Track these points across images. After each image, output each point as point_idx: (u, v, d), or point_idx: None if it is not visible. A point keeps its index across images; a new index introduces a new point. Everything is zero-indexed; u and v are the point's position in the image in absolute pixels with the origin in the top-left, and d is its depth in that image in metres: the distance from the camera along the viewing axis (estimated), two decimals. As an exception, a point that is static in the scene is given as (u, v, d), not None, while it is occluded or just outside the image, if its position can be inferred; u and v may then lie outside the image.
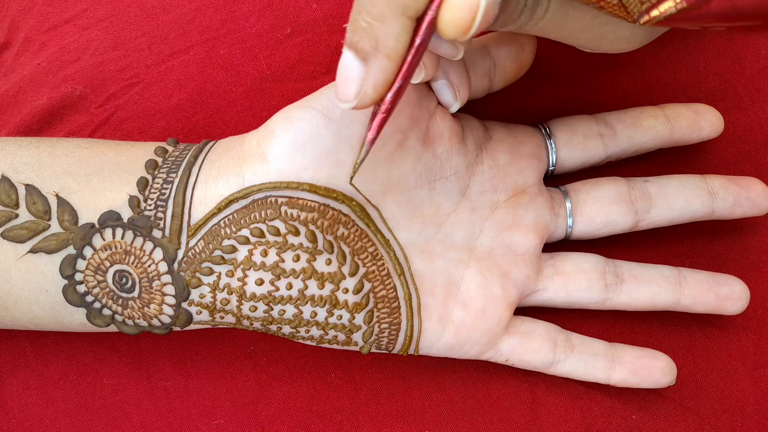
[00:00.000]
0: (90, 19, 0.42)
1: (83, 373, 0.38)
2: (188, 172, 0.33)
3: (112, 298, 0.32)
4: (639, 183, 0.37)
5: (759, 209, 0.37)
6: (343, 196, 0.32)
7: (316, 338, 0.34)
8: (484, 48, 0.35)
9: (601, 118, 0.37)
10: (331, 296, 0.32)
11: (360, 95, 0.26)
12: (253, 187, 0.32)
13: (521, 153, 0.36)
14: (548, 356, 0.35)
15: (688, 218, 0.37)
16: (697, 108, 0.37)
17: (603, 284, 0.35)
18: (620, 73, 0.40)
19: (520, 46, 0.35)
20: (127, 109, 0.41)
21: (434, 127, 0.34)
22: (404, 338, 0.34)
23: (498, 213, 0.35)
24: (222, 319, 0.33)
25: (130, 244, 0.32)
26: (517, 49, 0.35)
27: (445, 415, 0.37)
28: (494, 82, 0.36)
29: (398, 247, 0.34)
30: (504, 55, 0.35)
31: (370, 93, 0.26)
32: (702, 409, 0.37)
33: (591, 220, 0.36)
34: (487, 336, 0.35)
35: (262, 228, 0.32)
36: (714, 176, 0.37)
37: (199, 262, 0.32)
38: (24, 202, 0.32)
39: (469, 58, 0.35)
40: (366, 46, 0.25)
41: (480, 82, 0.35)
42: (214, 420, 0.38)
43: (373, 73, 0.25)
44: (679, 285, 0.36)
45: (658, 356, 0.35)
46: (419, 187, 0.34)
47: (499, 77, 0.35)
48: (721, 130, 0.37)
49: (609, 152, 0.37)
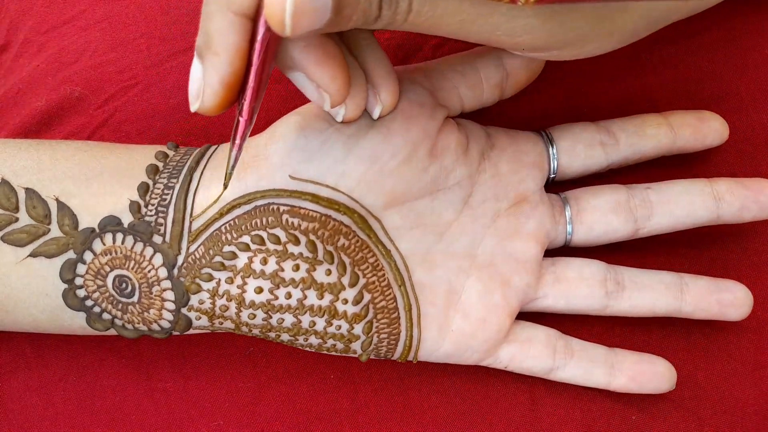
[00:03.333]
0: (89, 20, 0.42)
1: (83, 375, 0.38)
2: (189, 177, 0.32)
3: (112, 303, 0.32)
4: (640, 190, 0.36)
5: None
6: (345, 208, 0.32)
7: (314, 346, 0.34)
8: (498, 59, 0.34)
9: (604, 126, 0.37)
10: (331, 306, 0.32)
11: (202, 96, 0.25)
12: (257, 193, 0.32)
13: (523, 162, 0.36)
14: (547, 363, 0.35)
15: (691, 224, 0.36)
16: (701, 116, 0.37)
17: (604, 292, 0.35)
18: (622, 72, 0.40)
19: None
20: (126, 111, 0.41)
21: (443, 139, 0.34)
22: (403, 347, 0.34)
23: (499, 221, 0.35)
24: (221, 324, 0.33)
25: (130, 249, 0.32)
26: (530, 59, 0.35)
27: (444, 417, 0.37)
28: (505, 91, 0.35)
29: (399, 257, 0.33)
30: (517, 66, 0.35)
31: (209, 93, 0.25)
32: (702, 410, 0.37)
33: (590, 228, 0.36)
34: (487, 344, 0.35)
35: (262, 235, 0.32)
36: (720, 180, 0.36)
37: (199, 268, 0.32)
38: (24, 206, 0.32)
39: (483, 69, 0.34)
40: (200, 44, 0.25)
41: (492, 93, 0.35)
42: (214, 421, 0.38)
43: (208, 72, 0.25)
44: (680, 292, 0.35)
45: (657, 362, 0.35)
46: (422, 197, 0.34)
47: (510, 87, 0.35)
48: (725, 137, 0.37)
49: (611, 160, 0.37)
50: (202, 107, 0.26)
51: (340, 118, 0.31)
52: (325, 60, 0.27)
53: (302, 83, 0.29)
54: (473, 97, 0.35)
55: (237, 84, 0.25)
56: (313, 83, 0.28)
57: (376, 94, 0.31)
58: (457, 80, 0.34)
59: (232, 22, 0.24)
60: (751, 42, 0.40)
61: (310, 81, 0.28)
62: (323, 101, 0.29)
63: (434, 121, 0.33)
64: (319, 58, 0.27)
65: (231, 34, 0.24)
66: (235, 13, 0.24)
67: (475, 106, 0.36)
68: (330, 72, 0.28)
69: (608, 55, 0.30)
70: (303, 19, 0.22)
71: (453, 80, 0.34)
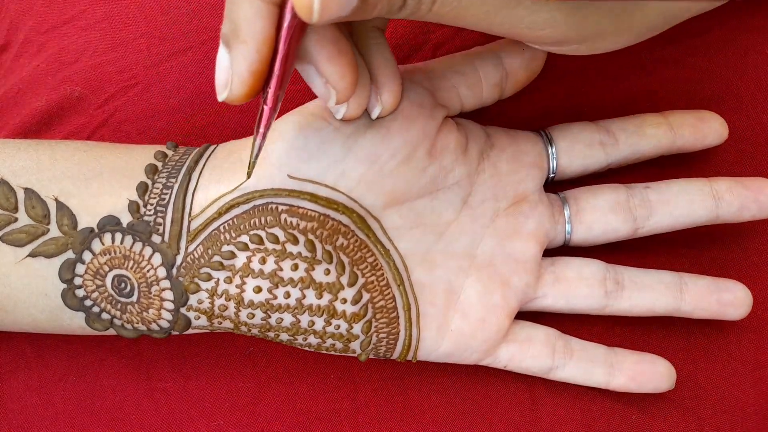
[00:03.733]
0: (89, 20, 0.42)
1: (83, 374, 0.38)
2: (188, 177, 0.32)
3: (111, 303, 0.32)
4: (639, 190, 0.36)
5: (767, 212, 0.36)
6: (344, 207, 0.32)
7: (313, 346, 0.34)
8: (497, 58, 0.35)
9: (603, 126, 0.37)
10: (329, 306, 0.32)
11: (230, 85, 0.26)
12: (255, 192, 0.32)
13: (523, 162, 0.36)
14: (547, 363, 0.35)
15: (690, 224, 0.36)
16: (701, 115, 0.37)
17: (603, 291, 0.35)
18: (622, 72, 0.40)
19: (533, 54, 0.35)
20: (126, 111, 0.41)
21: (442, 139, 0.34)
22: (402, 347, 0.34)
23: (499, 221, 0.35)
24: (220, 324, 0.33)
25: (129, 248, 0.32)
26: (529, 59, 0.35)
27: (444, 417, 0.37)
28: (505, 91, 0.36)
29: (398, 257, 0.33)
30: (517, 65, 0.35)
31: (237, 82, 0.25)
32: (702, 410, 0.37)
33: (589, 228, 0.36)
34: (486, 344, 0.35)
35: (261, 235, 0.32)
36: (720, 179, 0.36)
37: (197, 268, 0.32)
38: (23, 206, 0.32)
39: (482, 69, 0.34)
40: (227, 32, 0.25)
41: (491, 92, 0.35)
42: (214, 421, 0.38)
43: (236, 60, 0.25)
44: (680, 291, 0.35)
45: (657, 361, 0.35)
46: (421, 197, 0.34)
47: (509, 86, 0.35)
48: (725, 137, 0.37)
49: (610, 160, 0.37)
50: (230, 96, 0.26)
51: (340, 116, 0.31)
52: (337, 56, 0.28)
53: (311, 76, 0.29)
54: (473, 96, 0.35)
55: (264, 72, 0.25)
56: (322, 78, 0.28)
57: (378, 95, 0.31)
58: (457, 80, 0.34)
59: (259, 10, 0.24)
60: (751, 42, 0.40)
61: (320, 75, 0.28)
62: (329, 97, 0.29)
63: (433, 121, 0.33)
64: (331, 54, 0.28)
65: (259, 21, 0.24)
66: (264, 1, 0.24)
67: (474, 106, 0.36)
68: (340, 69, 0.28)
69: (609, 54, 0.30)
70: (331, 6, 0.22)
71: (452, 80, 0.34)
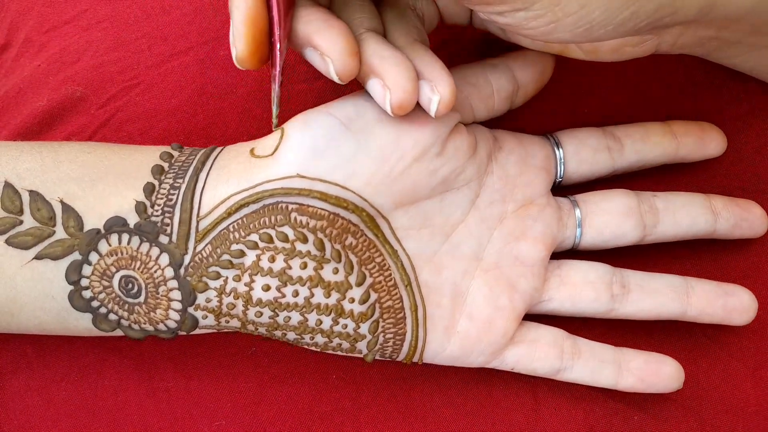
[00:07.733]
0: (90, 20, 0.42)
1: (85, 374, 0.38)
2: (196, 177, 0.32)
3: (118, 304, 0.32)
4: (647, 197, 0.37)
5: (756, 232, 0.38)
6: (354, 206, 0.32)
7: (320, 345, 0.34)
8: (509, 71, 0.36)
9: (610, 132, 0.38)
10: (337, 305, 0.32)
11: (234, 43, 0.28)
12: (265, 192, 0.32)
13: (531, 165, 0.36)
14: (555, 364, 0.35)
15: (691, 235, 0.37)
16: (703, 126, 0.38)
17: (609, 295, 0.36)
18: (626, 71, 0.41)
19: (543, 68, 0.36)
20: (128, 111, 0.41)
21: (452, 141, 0.34)
22: (408, 348, 0.34)
23: (506, 224, 0.36)
24: (227, 323, 0.33)
25: (136, 249, 0.32)
26: (541, 72, 0.36)
27: (446, 417, 0.37)
28: (515, 102, 0.37)
29: (406, 257, 0.34)
30: (528, 79, 0.36)
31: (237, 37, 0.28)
32: (703, 410, 0.37)
33: (600, 232, 0.36)
34: (493, 347, 0.35)
35: (270, 233, 0.32)
36: (716, 196, 0.37)
37: (206, 267, 0.32)
38: (28, 209, 0.32)
39: (496, 82, 0.35)
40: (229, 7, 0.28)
41: (503, 104, 0.36)
42: (216, 421, 0.38)
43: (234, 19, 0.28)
44: (686, 296, 0.36)
45: (666, 361, 0.35)
46: (430, 198, 0.34)
47: (519, 98, 0.36)
48: (724, 148, 0.38)
49: (616, 166, 0.37)
50: (238, 57, 0.28)
51: (388, 107, 0.31)
52: (325, 28, 0.29)
53: (311, 56, 0.30)
54: (485, 108, 0.36)
55: (259, 21, 0.28)
56: (317, 51, 0.30)
57: (433, 87, 0.31)
58: (469, 91, 0.35)
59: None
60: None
61: (315, 49, 0.30)
62: (327, 68, 0.30)
63: (444, 124, 0.33)
64: (319, 27, 0.29)
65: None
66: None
67: (485, 117, 0.36)
68: (330, 37, 0.29)
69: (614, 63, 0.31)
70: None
71: (465, 92, 0.35)
